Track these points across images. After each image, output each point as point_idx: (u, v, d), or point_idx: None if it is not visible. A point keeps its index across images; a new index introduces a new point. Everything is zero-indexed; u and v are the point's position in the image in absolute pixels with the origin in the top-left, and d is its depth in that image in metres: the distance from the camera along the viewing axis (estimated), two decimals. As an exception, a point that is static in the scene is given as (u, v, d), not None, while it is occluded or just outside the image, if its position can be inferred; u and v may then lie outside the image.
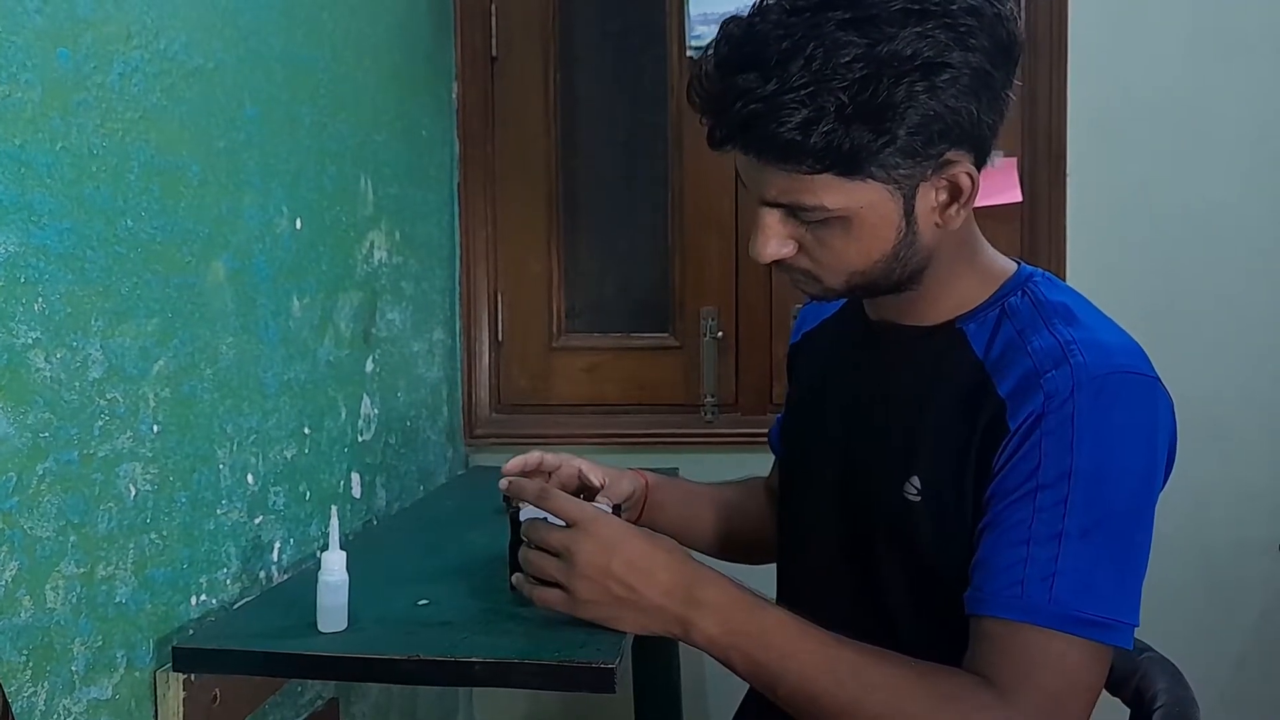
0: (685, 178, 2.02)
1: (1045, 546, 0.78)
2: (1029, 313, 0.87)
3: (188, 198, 1.03)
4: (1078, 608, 0.77)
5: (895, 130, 0.77)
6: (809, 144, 0.77)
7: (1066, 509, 0.78)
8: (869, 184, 0.80)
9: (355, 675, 1.00)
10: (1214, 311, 1.88)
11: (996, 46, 0.79)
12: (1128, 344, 0.84)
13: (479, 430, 2.06)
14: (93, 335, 0.89)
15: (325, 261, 1.36)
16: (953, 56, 0.77)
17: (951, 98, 0.77)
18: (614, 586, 0.84)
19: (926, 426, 0.88)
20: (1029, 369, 0.82)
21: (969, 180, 0.82)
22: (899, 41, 0.75)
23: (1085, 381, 0.79)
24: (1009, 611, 0.78)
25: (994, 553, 0.80)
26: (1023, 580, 0.78)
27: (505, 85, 2.05)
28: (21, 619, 0.81)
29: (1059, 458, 0.79)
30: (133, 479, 0.95)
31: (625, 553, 0.85)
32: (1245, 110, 1.86)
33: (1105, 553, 0.78)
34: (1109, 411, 0.80)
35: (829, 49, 0.75)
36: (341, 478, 1.42)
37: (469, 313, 2.05)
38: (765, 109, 0.77)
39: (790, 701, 0.82)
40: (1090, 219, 1.89)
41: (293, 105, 1.27)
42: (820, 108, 0.75)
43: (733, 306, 2.03)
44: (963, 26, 0.77)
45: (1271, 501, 1.89)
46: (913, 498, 0.87)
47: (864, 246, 0.83)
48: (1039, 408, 0.80)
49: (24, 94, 0.81)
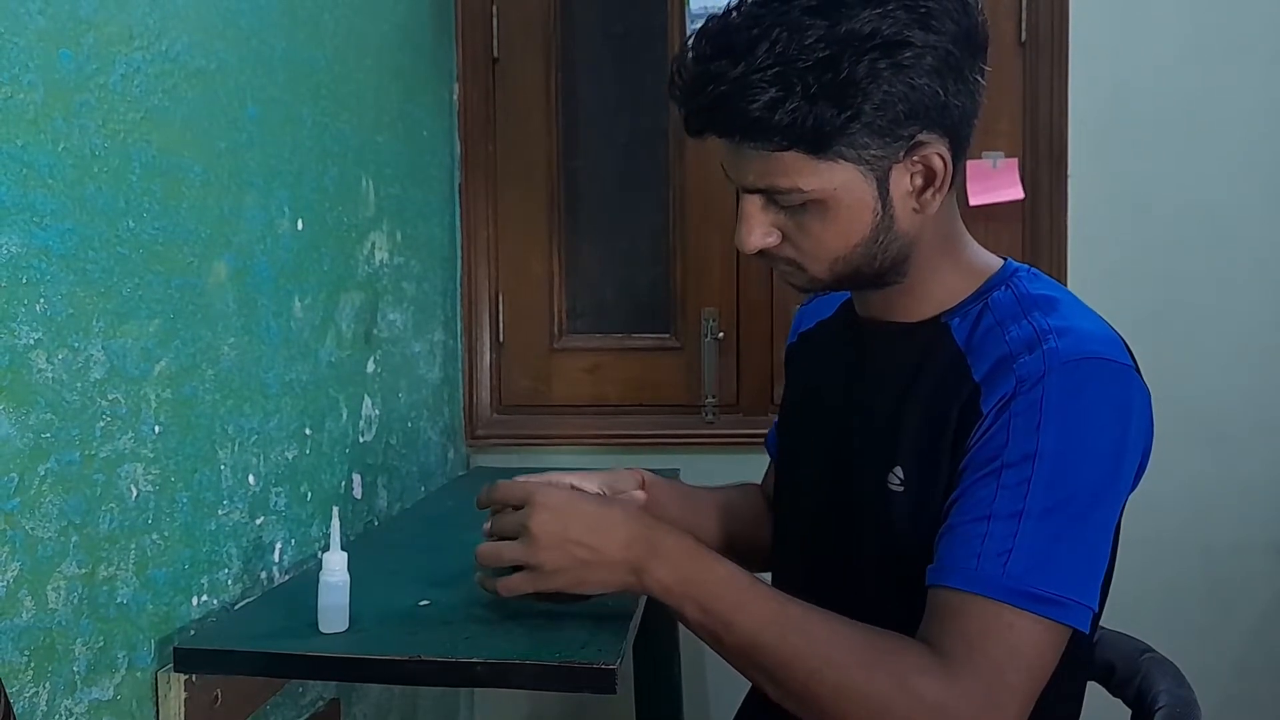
0: (686, 178, 2.03)
1: (1005, 523, 0.79)
2: (1010, 305, 0.88)
3: (189, 198, 1.03)
4: (1031, 584, 0.77)
5: (860, 106, 0.79)
6: (775, 120, 0.79)
7: (1029, 489, 0.79)
8: (840, 165, 0.82)
9: (356, 676, 1.00)
10: (1214, 311, 1.88)
11: (960, 31, 0.81)
12: (1105, 333, 0.85)
13: (480, 431, 2.06)
14: (94, 336, 0.89)
15: (327, 262, 1.36)
16: (914, 35, 0.79)
17: (915, 75, 0.80)
18: (576, 550, 0.87)
19: (908, 417, 0.89)
20: (1004, 354, 0.84)
21: (941, 162, 0.84)
22: (858, 21, 0.78)
23: (1056, 366, 0.81)
24: (962, 583, 0.79)
25: (956, 526, 0.82)
26: (980, 555, 0.79)
27: (506, 86, 2.05)
28: (23, 619, 0.81)
29: (1025, 438, 0.80)
30: (134, 480, 0.95)
31: (582, 515, 0.88)
32: (1245, 110, 1.86)
33: (1065, 533, 0.79)
34: (1078, 395, 0.81)
35: (792, 31, 0.78)
36: (343, 478, 1.42)
37: (470, 313, 2.05)
38: (733, 89, 0.80)
39: (736, 652, 0.84)
40: (1090, 219, 1.89)
41: (294, 106, 1.27)
42: (786, 86, 0.79)
43: (734, 307, 2.03)
44: (923, 8, 0.79)
45: (1271, 501, 1.89)
46: (895, 488, 0.89)
47: (841, 229, 0.85)
48: (1010, 390, 0.81)
49: (26, 95, 0.81)
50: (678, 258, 2.04)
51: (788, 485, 1.07)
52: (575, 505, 0.90)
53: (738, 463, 1.51)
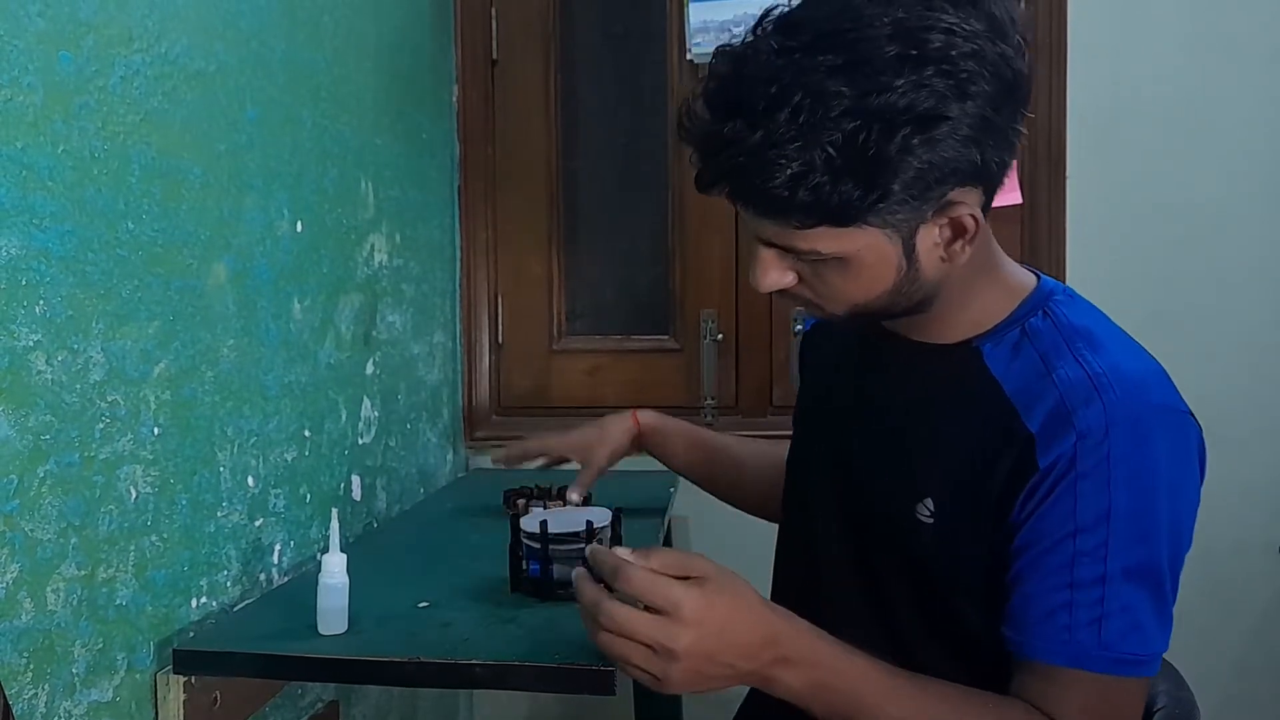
0: (685, 180, 2.02)
1: (1089, 590, 0.77)
2: (1050, 335, 0.84)
3: (189, 200, 1.03)
4: (1127, 649, 0.77)
5: (888, 185, 0.73)
6: (796, 200, 0.73)
7: (1108, 551, 0.77)
8: (864, 229, 0.76)
9: (356, 677, 1.00)
10: (1214, 311, 1.88)
11: (1000, 90, 0.74)
12: (1155, 371, 0.83)
13: (479, 432, 2.06)
14: (94, 338, 0.89)
15: (326, 264, 1.36)
16: (951, 108, 0.72)
17: (949, 149, 0.73)
18: (713, 671, 0.76)
19: (940, 448, 0.86)
20: (1057, 402, 0.80)
21: (973, 221, 0.78)
22: (892, 93, 0.70)
23: (1119, 420, 0.77)
24: (1062, 659, 0.78)
25: (1035, 595, 0.79)
26: (1070, 626, 0.78)
27: (506, 88, 2.05)
28: (22, 621, 0.81)
29: (1096, 498, 0.77)
30: (133, 481, 0.95)
31: (728, 637, 0.75)
32: (1245, 110, 1.86)
33: (1147, 591, 0.78)
34: (1145, 449, 0.78)
35: (817, 99, 0.71)
36: (342, 480, 1.42)
37: (469, 315, 2.05)
38: (751, 163, 0.73)
39: None
40: (1090, 219, 1.89)
41: (294, 108, 1.27)
42: (808, 162, 0.72)
43: (733, 308, 2.03)
44: (963, 73, 0.72)
45: (1271, 502, 1.89)
46: (925, 519, 0.86)
47: (863, 285, 0.81)
48: (1070, 449, 0.78)
49: (26, 97, 0.81)
50: (677, 259, 2.04)
51: (795, 483, 1.06)
52: (723, 627, 0.75)
53: (737, 464, 1.51)
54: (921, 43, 0.71)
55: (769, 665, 0.78)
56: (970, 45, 0.72)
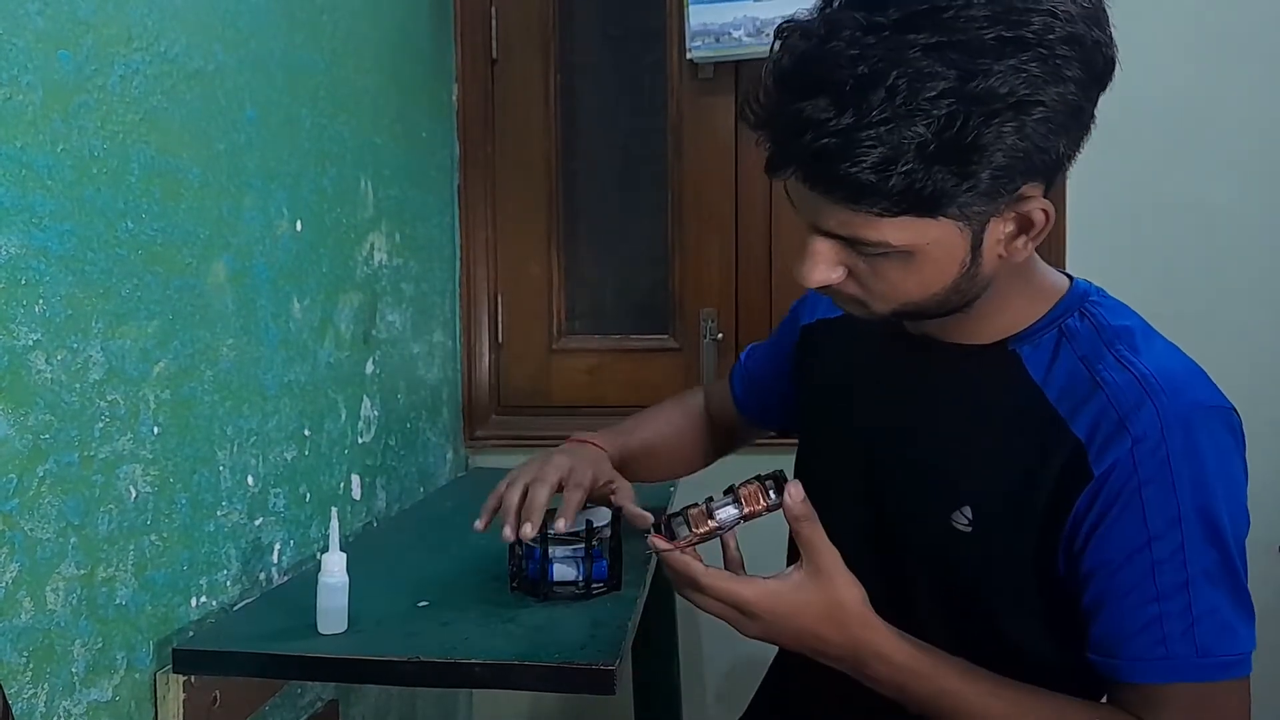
0: (685, 180, 2.03)
1: (1176, 599, 0.76)
2: (1090, 337, 0.83)
3: (188, 200, 1.03)
4: (1222, 652, 0.76)
5: (979, 173, 0.70)
6: (886, 186, 0.69)
7: (1185, 555, 0.76)
8: (941, 222, 0.73)
9: (355, 677, 1.00)
10: (1214, 311, 1.87)
11: (1091, 76, 0.73)
12: (1196, 371, 0.82)
13: (479, 432, 2.06)
14: (93, 337, 0.89)
15: (325, 263, 1.36)
16: (1046, 93, 0.70)
17: (1040, 136, 0.71)
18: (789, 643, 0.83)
19: (978, 454, 0.84)
20: (1105, 407, 0.78)
21: (1043, 216, 0.76)
22: (993, 77, 0.67)
23: (1172, 422, 0.77)
24: (1162, 675, 0.77)
25: (1122, 616, 0.78)
26: (1165, 640, 0.76)
27: (505, 87, 2.05)
28: (22, 620, 0.81)
29: (1165, 504, 0.76)
30: (133, 481, 0.95)
31: (797, 623, 0.81)
32: (1245, 111, 1.86)
33: (1226, 588, 0.78)
34: (1201, 447, 0.78)
35: (914, 79, 0.67)
36: (342, 479, 1.42)
37: (469, 314, 2.05)
38: (838, 145, 0.69)
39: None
40: (1090, 219, 1.89)
41: (293, 107, 1.27)
42: (899, 145, 0.68)
43: (732, 308, 2.03)
44: (1059, 58, 0.70)
45: (1271, 502, 1.88)
46: (962, 528, 0.83)
47: (924, 280, 0.78)
48: (1127, 455, 0.76)
49: (25, 96, 0.81)
50: (676, 259, 2.04)
51: (813, 485, 1.02)
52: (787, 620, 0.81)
53: (737, 463, 1.51)
54: (1022, 25, 0.69)
55: (853, 665, 0.81)
56: (1067, 29, 0.70)
